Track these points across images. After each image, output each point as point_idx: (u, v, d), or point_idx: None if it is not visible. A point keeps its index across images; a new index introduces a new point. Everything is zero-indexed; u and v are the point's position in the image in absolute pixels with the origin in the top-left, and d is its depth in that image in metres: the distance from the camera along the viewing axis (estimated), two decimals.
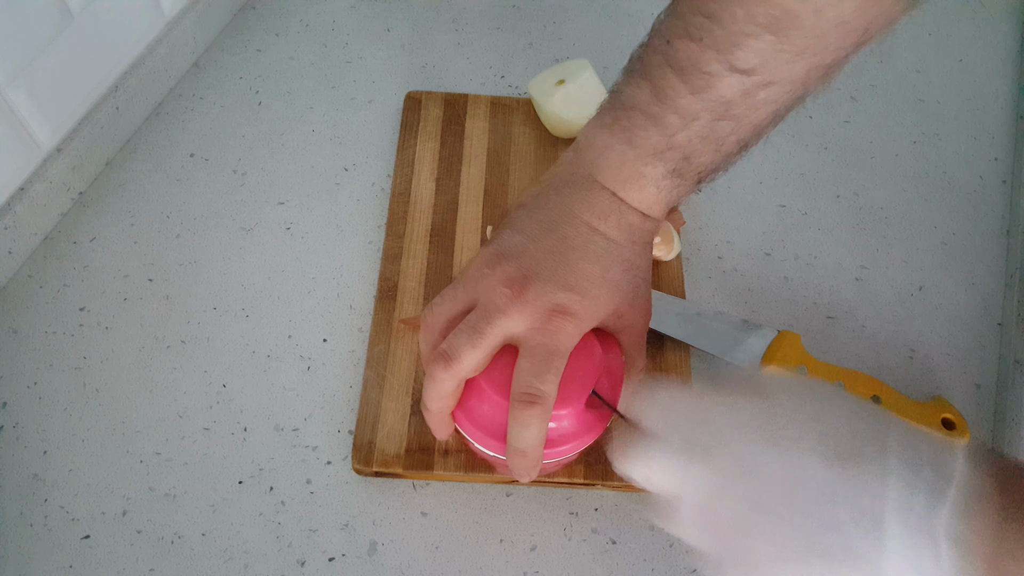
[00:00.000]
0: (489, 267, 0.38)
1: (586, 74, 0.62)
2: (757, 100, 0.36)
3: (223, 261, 0.58)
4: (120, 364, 0.53)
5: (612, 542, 0.48)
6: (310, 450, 0.50)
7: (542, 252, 0.38)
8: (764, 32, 0.34)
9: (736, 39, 0.34)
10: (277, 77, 0.69)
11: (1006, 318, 0.58)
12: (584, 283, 0.38)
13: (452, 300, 0.39)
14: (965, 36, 0.76)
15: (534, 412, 0.36)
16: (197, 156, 0.63)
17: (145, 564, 0.46)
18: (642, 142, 0.37)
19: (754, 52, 0.34)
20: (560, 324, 0.37)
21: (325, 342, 0.54)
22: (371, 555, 0.47)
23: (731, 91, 0.35)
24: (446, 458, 0.48)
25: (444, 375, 0.37)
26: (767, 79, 0.35)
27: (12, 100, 0.52)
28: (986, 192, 0.65)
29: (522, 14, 0.75)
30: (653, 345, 0.53)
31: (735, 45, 0.34)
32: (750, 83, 0.35)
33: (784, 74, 0.35)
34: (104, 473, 0.49)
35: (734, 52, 0.35)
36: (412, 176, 0.61)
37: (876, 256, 0.61)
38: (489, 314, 0.37)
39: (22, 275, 0.56)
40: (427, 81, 0.69)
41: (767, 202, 0.63)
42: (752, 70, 0.35)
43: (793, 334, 0.52)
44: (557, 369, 0.36)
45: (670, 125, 0.37)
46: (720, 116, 0.36)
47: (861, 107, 0.70)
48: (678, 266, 0.57)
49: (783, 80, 0.36)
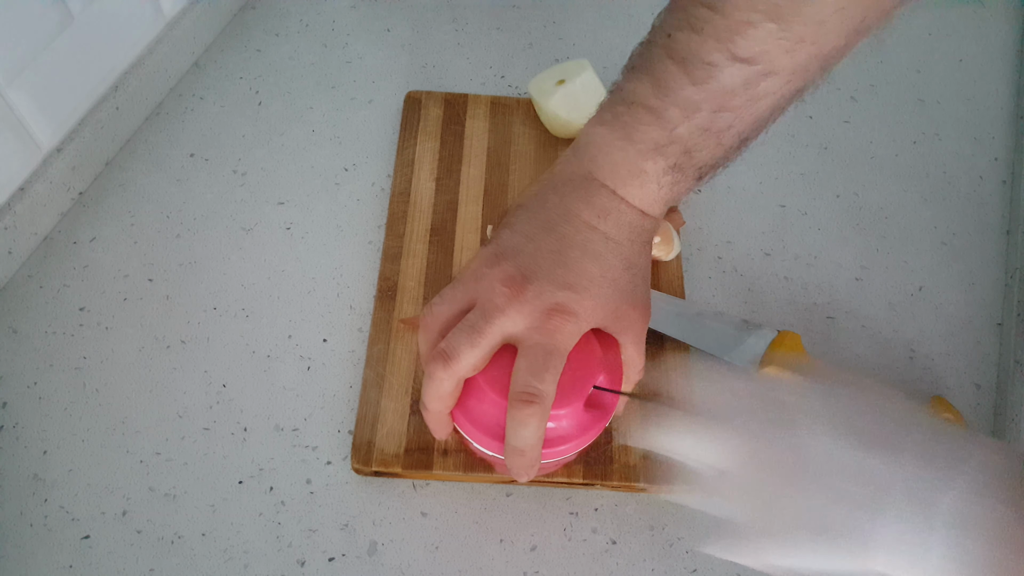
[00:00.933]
0: (488, 267, 0.38)
1: (586, 74, 0.62)
2: (758, 91, 0.36)
3: (223, 261, 0.58)
4: (120, 364, 0.53)
5: (612, 542, 0.48)
6: (310, 450, 0.50)
7: (541, 251, 0.38)
8: (765, 20, 0.34)
9: (737, 27, 0.35)
10: (277, 77, 0.69)
11: (1006, 318, 0.58)
12: (583, 282, 0.38)
13: (451, 300, 0.39)
14: (965, 36, 0.76)
15: (532, 411, 0.36)
16: (197, 156, 0.63)
17: (145, 564, 0.46)
18: (643, 137, 0.38)
19: (755, 41, 0.35)
20: (559, 323, 0.37)
21: (325, 342, 0.54)
22: (371, 555, 0.47)
23: (732, 81, 0.36)
24: (445, 458, 0.48)
25: (443, 374, 0.37)
26: (768, 68, 0.35)
27: (12, 100, 0.52)
28: (986, 192, 0.65)
29: (522, 14, 0.75)
30: (653, 345, 0.53)
31: (736, 33, 0.35)
32: (751, 73, 0.35)
33: (784, 63, 0.35)
34: (104, 473, 0.49)
35: (735, 41, 0.35)
36: (412, 176, 0.61)
37: (876, 256, 0.61)
38: (488, 313, 0.37)
39: (22, 275, 0.56)
40: (427, 81, 0.69)
41: (767, 202, 0.63)
42: (753, 59, 0.35)
43: (793, 334, 0.52)
44: (556, 368, 0.36)
45: (671, 118, 0.37)
46: (721, 107, 0.36)
47: (861, 107, 0.70)
48: (678, 266, 0.57)
49: (783, 70, 0.36)
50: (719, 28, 0.35)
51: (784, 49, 0.35)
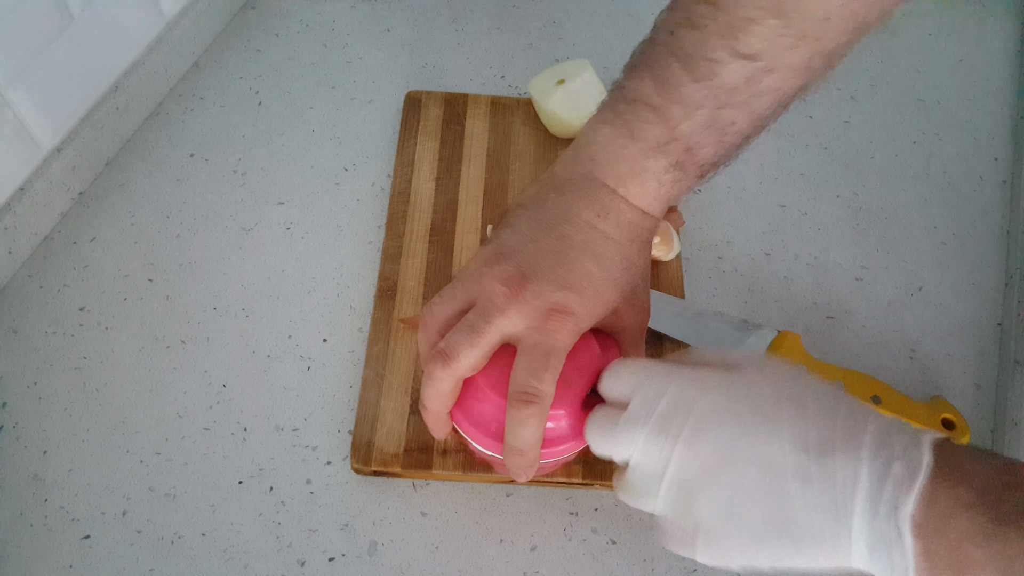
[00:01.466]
0: (488, 266, 0.38)
1: (586, 74, 0.62)
2: (760, 88, 0.36)
3: (223, 261, 0.58)
4: (120, 364, 0.53)
5: (612, 542, 0.48)
6: (310, 450, 0.50)
7: (540, 251, 0.38)
8: (767, 16, 0.34)
9: (740, 24, 0.35)
10: (277, 77, 0.69)
11: (1006, 318, 0.58)
12: (583, 281, 0.38)
13: (451, 299, 0.39)
14: (965, 36, 0.76)
15: (532, 411, 0.36)
16: (197, 156, 0.63)
17: (145, 564, 0.46)
18: (644, 135, 0.38)
19: (757, 37, 0.35)
20: (558, 323, 0.37)
21: (325, 342, 0.54)
22: (371, 555, 0.47)
23: (734, 78, 0.36)
24: (445, 458, 0.48)
25: (442, 373, 0.37)
26: (770, 65, 0.36)
27: (12, 100, 0.52)
28: (986, 192, 0.65)
29: (522, 14, 0.75)
30: (653, 345, 0.53)
31: (739, 30, 0.35)
32: (753, 69, 0.36)
33: (786, 60, 0.36)
34: (104, 473, 0.49)
35: (738, 37, 0.35)
36: (412, 176, 0.61)
37: (876, 256, 0.61)
38: (487, 313, 0.37)
39: (22, 275, 0.56)
40: (427, 81, 0.69)
41: (767, 202, 0.63)
42: (755, 55, 0.35)
43: (793, 334, 0.52)
44: (555, 368, 0.36)
45: (673, 116, 0.37)
46: (723, 104, 0.36)
47: (861, 107, 0.70)
48: (678, 266, 0.57)
49: (785, 67, 0.36)
50: (721, 25, 0.35)
51: (786, 46, 0.35)
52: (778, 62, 0.36)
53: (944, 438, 0.30)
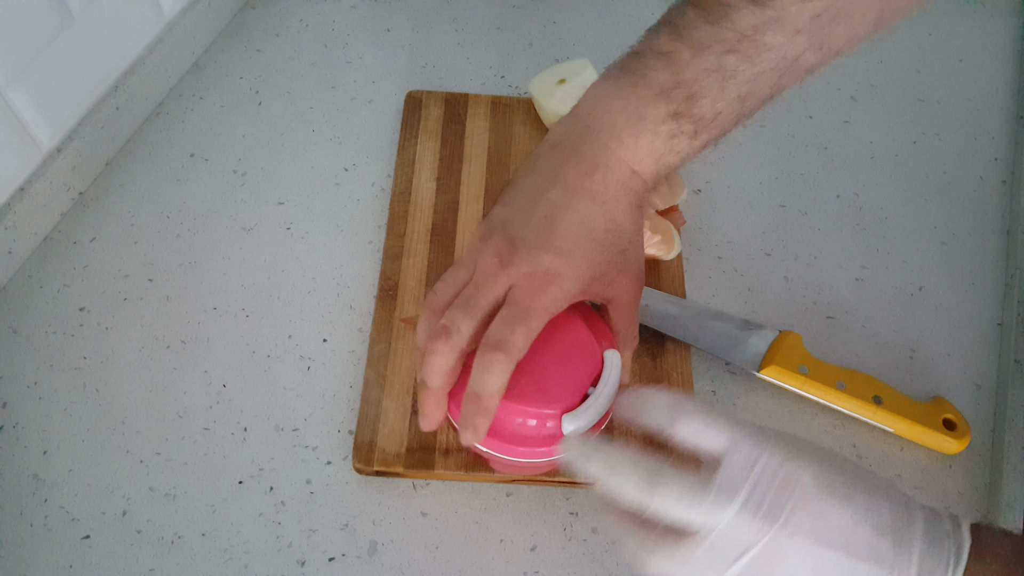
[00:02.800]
0: (481, 242, 0.40)
1: (587, 74, 0.62)
2: (765, 39, 0.38)
3: (223, 261, 0.58)
4: (120, 364, 0.53)
5: (612, 542, 0.48)
6: (310, 450, 0.50)
7: (530, 219, 0.39)
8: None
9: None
10: (277, 77, 0.69)
11: (1006, 318, 0.58)
12: (568, 244, 0.39)
13: (453, 281, 0.41)
14: (965, 36, 0.76)
15: (498, 358, 0.37)
16: (197, 156, 0.63)
17: (145, 564, 0.46)
18: (650, 81, 0.39)
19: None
20: (542, 284, 0.38)
21: (325, 342, 0.54)
22: (371, 555, 0.47)
23: (744, 22, 0.38)
24: (447, 457, 0.48)
25: (444, 347, 0.38)
26: (777, 15, 0.38)
27: (12, 100, 0.52)
28: (986, 192, 0.65)
29: (522, 14, 0.75)
30: (653, 345, 0.53)
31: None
32: (762, 18, 0.38)
33: (793, 14, 0.38)
34: (104, 473, 0.49)
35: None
36: (412, 175, 0.61)
37: (876, 256, 0.61)
38: (479, 284, 0.39)
39: (22, 275, 0.56)
40: (427, 81, 0.69)
41: (767, 202, 0.63)
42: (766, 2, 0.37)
43: (795, 334, 0.52)
44: (530, 326, 0.37)
45: (681, 58, 0.39)
46: (730, 49, 0.38)
47: (861, 107, 0.70)
48: (678, 266, 0.57)
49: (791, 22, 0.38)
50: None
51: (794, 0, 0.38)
52: (785, 14, 0.38)
53: (976, 523, 0.33)
